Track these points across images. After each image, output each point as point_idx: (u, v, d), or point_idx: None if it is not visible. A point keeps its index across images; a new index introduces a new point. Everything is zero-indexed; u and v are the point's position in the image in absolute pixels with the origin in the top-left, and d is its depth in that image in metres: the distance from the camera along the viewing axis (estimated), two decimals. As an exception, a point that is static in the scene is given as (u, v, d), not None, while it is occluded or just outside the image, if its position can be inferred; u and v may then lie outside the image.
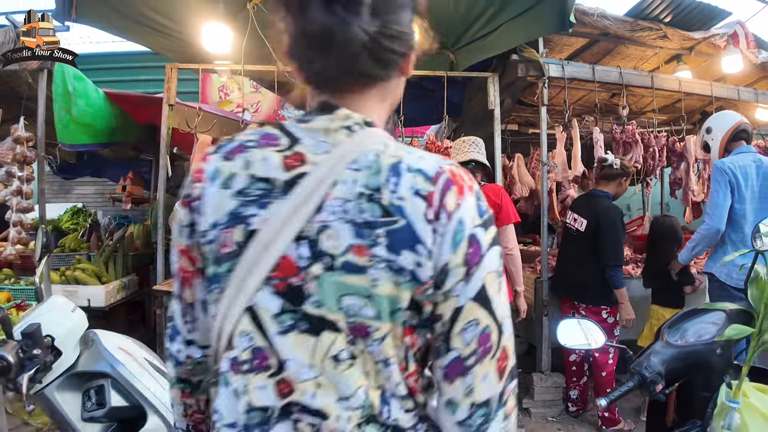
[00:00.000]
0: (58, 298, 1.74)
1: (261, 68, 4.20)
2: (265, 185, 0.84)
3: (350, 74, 0.87)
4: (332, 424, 0.82)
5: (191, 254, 0.93)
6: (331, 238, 0.81)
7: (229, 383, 0.87)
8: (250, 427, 0.86)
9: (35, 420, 3.70)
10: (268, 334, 0.84)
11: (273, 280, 0.82)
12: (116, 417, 1.66)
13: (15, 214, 3.74)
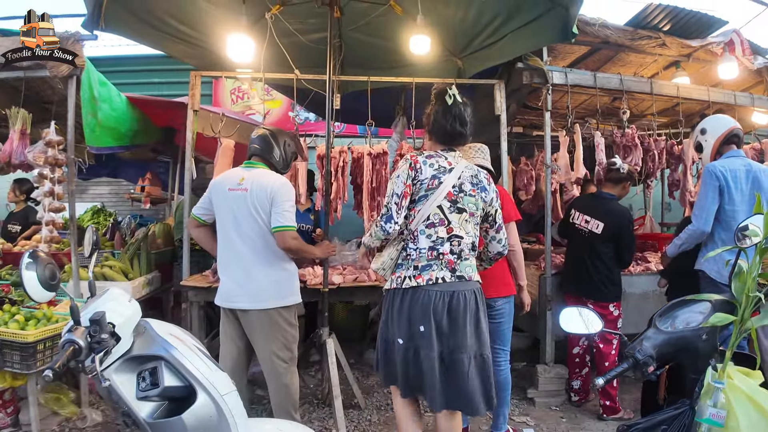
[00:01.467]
0: (115, 289, 1.92)
1: (281, 76, 4.39)
2: (444, 169, 2.58)
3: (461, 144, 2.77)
4: (465, 241, 2.59)
5: (411, 187, 2.56)
6: (464, 186, 2.59)
7: (423, 232, 2.57)
8: (434, 246, 2.56)
9: (64, 409, 3.90)
10: (445, 213, 2.57)
11: (447, 197, 2.56)
12: (167, 396, 1.84)
13: (47, 214, 3.94)
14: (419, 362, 2.52)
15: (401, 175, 2.56)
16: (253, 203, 3.04)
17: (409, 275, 2.55)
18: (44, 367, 3.41)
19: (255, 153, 3.26)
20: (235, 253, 3.09)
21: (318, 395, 4.36)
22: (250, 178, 3.11)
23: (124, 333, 1.79)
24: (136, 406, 1.79)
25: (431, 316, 2.49)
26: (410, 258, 2.56)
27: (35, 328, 3.41)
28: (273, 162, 3.26)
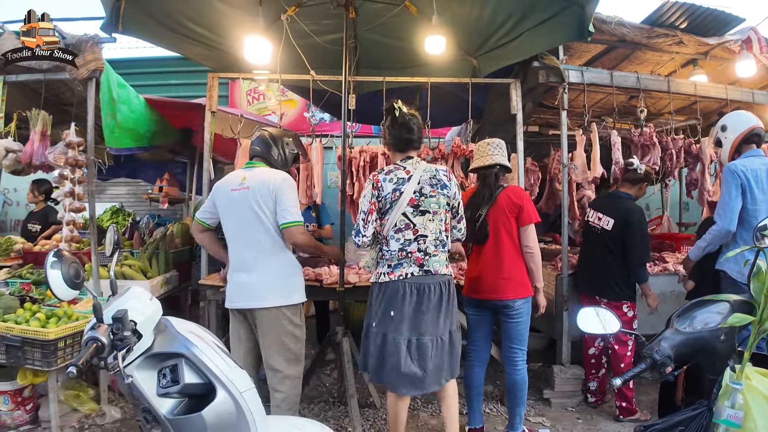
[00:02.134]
0: (137, 288, 1.95)
1: (297, 77, 4.42)
2: (403, 179, 2.94)
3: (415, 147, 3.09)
4: (429, 239, 2.95)
5: (375, 204, 2.94)
6: (424, 190, 2.94)
7: (393, 237, 2.96)
8: (403, 248, 2.94)
9: (84, 406, 3.97)
10: (410, 218, 2.94)
11: (409, 203, 2.92)
12: (187, 392, 1.87)
13: (68, 214, 4.01)
14: (387, 345, 2.91)
15: (367, 194, 3.00)
16: (256, 200, 3.05)
17: (384, 272, 2.99)
18: (65, 364, 3.49)
19: (255, 154, 3.30)
20: (241, 253, 3.12)
21: (334, 394, 4.40)
22: (251, 176, 3.13)
23: (145, 331, 1.83)
24: (156, 403, 1.82)
25: (400, 304, 2.90)
26: (385, 258, 3.02)
27: (56, 325, 3.47)
28: (272, 162, 3.29)
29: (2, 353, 3.50)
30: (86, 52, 3.99)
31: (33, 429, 3.87)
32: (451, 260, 3.95)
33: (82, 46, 4.01)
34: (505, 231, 3.38)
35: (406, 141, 3.04)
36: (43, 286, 4.24)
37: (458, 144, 4.49)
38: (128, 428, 3.90)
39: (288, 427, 2.30)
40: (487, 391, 4.40)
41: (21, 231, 6.38)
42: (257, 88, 8.59)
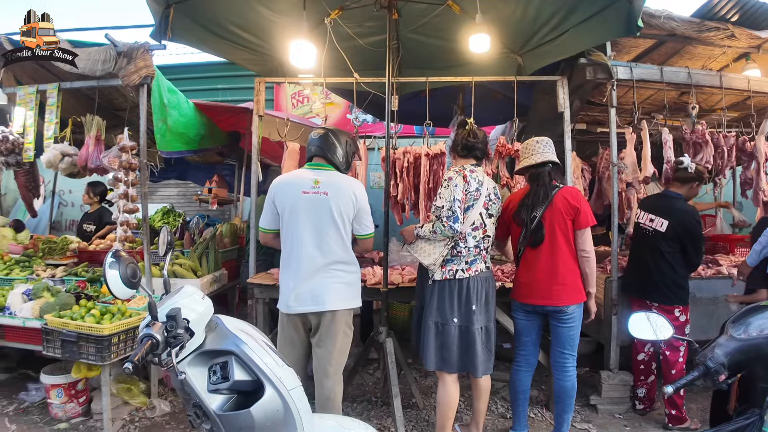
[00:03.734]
0: (189, 287, 2.01)
1: (341, 80, 4.45)
2: (480, 182, 3.25)
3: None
4: (491, 239, 3.37)
5: (465, 193, 3.19)
6: (491, 196, 3.31)
7: (470, 234, 3.24)
8: (477, 245, 3.27)
9: (135, 399, 4.10)
10: (483, 218, 3.25)
11: (483, 205, 3.24)
12: (236, 389, 1.91)
13: (122, 215, 4.16)
14: (470, 336, 3.19)
15: (459, 185, 3.20)
16: (338, 208, 3.05)
17: (461, 268, 3.23)
18: (118, 359, 3.61)
19: (316, 153, 3.21)
20: (308, 256, 3.07)
21: (377, 394, 4.42)
22: (325, 181, 3.09)
23: (197, 328, 1.88)
24: (207, 399, 1.86)
25: (477, 299, 3.21)
26: (461, 255, 3.25)
27: (110, 322, 3.60)
28: (336, 162, 3.21)
29: (58, 348, 3.65)
30: (137, 59, 4.10)
31: (85, 421, 4.01)
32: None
33: (134, 54, 4.13)
34: (561, 234, 3.29)
35: (479, 150, 3.40)
36: (97, 284, 4.42)
37: (503, 143, 4.43)
38: (177, 422, 4.01)
39: (333, 426, 2.32)
40: (532, 396, 4.34)
41: (76, 231, 6.67)
42: (301, 91, 8.71)
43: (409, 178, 4.35)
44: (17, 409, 4.21)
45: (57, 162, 4.41)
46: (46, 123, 4.51)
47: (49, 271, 4.74)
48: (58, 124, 4.51)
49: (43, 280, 4.34)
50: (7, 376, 4.89)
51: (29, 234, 6.06)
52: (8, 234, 5.83)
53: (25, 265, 5.00)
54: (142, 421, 4.02)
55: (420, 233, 3.32)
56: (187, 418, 3.76)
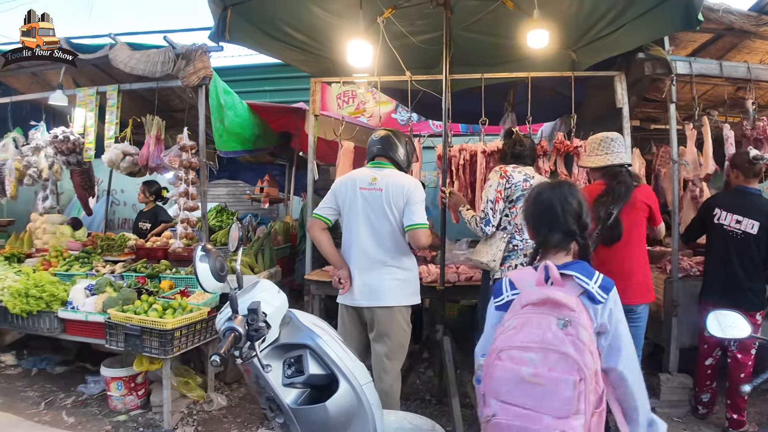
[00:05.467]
0: (265, 281, 2.03)
1: (395, 78, 4.45)
2: (529, 175, 3.23)
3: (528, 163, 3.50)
4: None
5: (501, 191, 3.19)
6: None
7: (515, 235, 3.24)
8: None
9: (192, 393, 4.18)
10: None
11: None
12: (310, 383, 1.93)
13: (182, 212, 4.26)
14: None
15: (493, 184, 3.23)
16: (389, 202, 3.10)
17: (521, 263, 3.15)
18: (180, 352, 3.69)
19: (379, 153, 3.29)
20: (363, 252, 3.15)
21: (433, 392, 4.40)
22: (382, 178, 3.16)
23: (273, 322, 1.90)
24: (281, 393, 1.88)
25: None
26: (518, 248, 3.21)
27: (173, 316, 3.68)
28: (398, 161, 3.28)
29: (121, 341, 3.76)
30: (195, 60, 4.20)
31: (144, 413, 4.10)
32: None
33: (192, 55, 4.23)
34: (637, 232, 3.25)
35: (526, 156, 3.41)
36: (156, 280, 4.53)
37: (561, 140, 4.35)
38: (234, 416, 4.08)
39: (401, 421, 2.34)
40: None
41: (132, 228, 6.87)
42: (347, 91, 8.77)
43: (465, 175, 4.31)
44: (76, 401, 4.33)
45: (118, 161, 4.55)
46: (106, 123, 4.66)
47: (108, 267, 4.88)
48: (118, 124, 4.65)
49: (105, 276, 4.47)
50: (65, 369, 5.04)
51: (86, 231, 6.26)
52: (67, 231, 6.03)
53: (85, 262, 5.16)
54: (199, 415, 4.09)
55: (463, 214, 3.44)
56: (245, 412, 3.84)
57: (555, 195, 1.99)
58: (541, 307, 1.75)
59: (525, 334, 1.71)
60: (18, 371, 5.01)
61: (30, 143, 5.09)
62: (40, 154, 5.00)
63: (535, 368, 1.65)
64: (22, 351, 5.35)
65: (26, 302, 4.13)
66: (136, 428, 3.87)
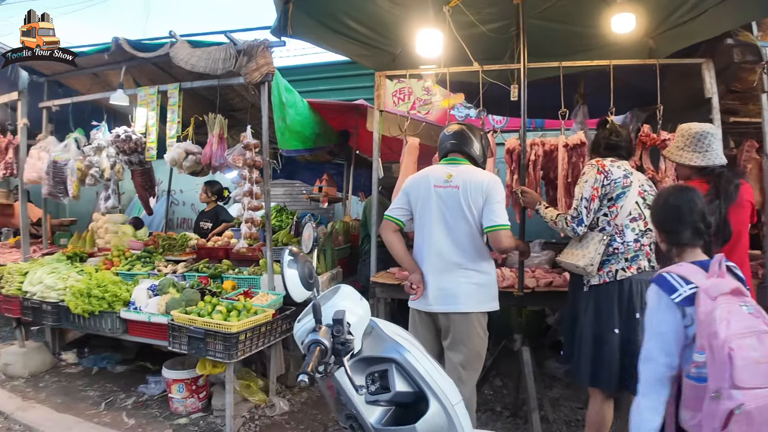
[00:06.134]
0: (346, 287, 1.86)
1: (464, 69, 4.26)
2: (629, 171, 2.94)
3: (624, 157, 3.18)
4: (653, 233, 2.58)
5: (598, 190, 2.86)
6: (644, 186, 2.98)
7: (628, 226, 2.88)
8: (638, 239, 2.88)
9: (254, 396, 4.09)
10: (641, 208, 2.91)
11: (638, 194, 2.91)
12: (395, 401, 1.75)
13: (247, 212, 4.18)
14: (632, 348, 2.69)
15: (589, 180, 2.92)
16: (466, 201, 2.90)
17: (621, 267, 2.84)
18: (244, 356, 3.59)
19: (453, 149, 3.09)
20: (438, 253, 2.95)
21: (504, 404, 4.19)
22: (458, 174, 2.95)
23: (356, 333, 1.73)
24: (365, 411, 1.72)
25: (642, 305, 2.70)
26: (619, 251, 2.87)
27: (237, 319, 3.59)
28: (474, 156, 3.08)
29: (184, 344, 3.70)
30: (258, 56, 4.12)
31: (205, 417, 4.05)
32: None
33: (254, 51, 4.15)
34: (744, 231, 3.04)
35: (622, 148, 3.10)
36: (218, 280, 4.47)
37: (647, 132, 4.03)
38: (296, 422, 3.97)
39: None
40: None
41: (193, 228, 6.93)
42: (402, 88, 8.62)
43: (536, 171, 4.05)
44: (136, 402, 4.33)
45: (181, 160, 4.51)
46: (168, 122, 4.64)
47: (170, 266, 4.87)
48: (180, 123, 4.62)
49: (168, 276, 4.45)
50: (126, 368, 5.09)
51: (147, 231, 6.32)
52: (128, 231, 6.11)
53: (146, 261, 5.18)
54: (261, 420, 4.01)
55: (542, 212, 3.20)
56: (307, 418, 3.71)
57: (683, 197, 2.14)
58: (732, 296, 1.85)
59: (737, 322, 1.78)
60: (78, 370, 5.09)
61: (92, 143, 5.13)
62: (102, 154, 5.02)
63: (759, 351, 1.75)
64: (83, 349, 5.43)
65: (88, 302, 4.13)
66: (197, 432, 3.80)
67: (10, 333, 6.14)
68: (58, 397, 4.39)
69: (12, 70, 5.29)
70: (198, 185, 7.06)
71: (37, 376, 4.90)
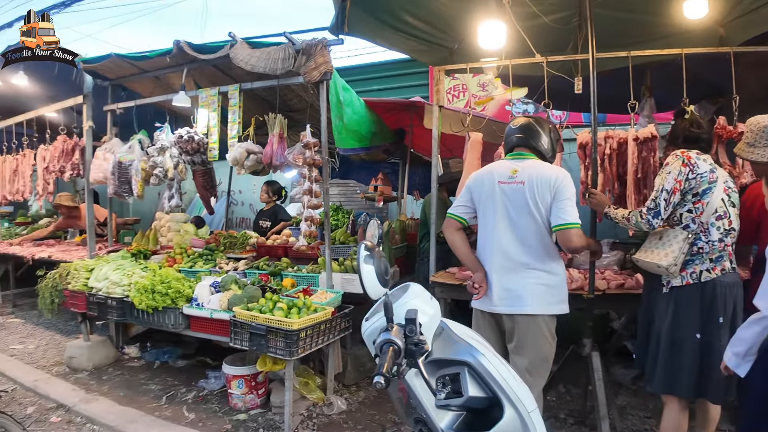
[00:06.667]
0: (416, 285, 1.80)
1: (527, 61, 4.13)
2: (714, 166, 2.73)
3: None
4: (735, 234, 2.75)
5: (681, 183, 2.67)
6: (729, 183, 2.79)
7: (713, 225, 2.68)
8: (722, 238, 2.69)
9: (312, 394, 4.09)
10: (726, 206, 2.71)
11: (723, 191, 2.71)
12: (467, 406, 1.68)
13: (307, 210, 4.20)
14: (712, 354, 2.58)
15: (672, 171, 2.70)
16: (533, 197, 2.76)
17: (706, 268, 2.68)
18: (304, 354, 3.59)
19: (519, 143, 2.96)
20: (504, 252, 2.83)
21: (568, 410, 4.03)
22: (524, 169, 2.82)
23: (427, 333, 1.66)
24: (435, 415, 1.65)
25: (725, 308, 2.63)
26: (703, 251, 2.70)
27: (298, 316, 3.59)
28: (542, 150, 2.93)
29: (246, 340, 3.72)
30: (316, 55, 4.13)
31: (263, 413, 4.07)
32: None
33: (312, 50, 4.15)
34: None
35: (703, 139, 2.90)
36: (277, 277, 4.51)
37: (723, 125, 3.78)
38: (354, 421, 3.94)
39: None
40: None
41: (252, 226, 7.05)
42: (456, 85, 8.53)
43: (611, 167, 3.87)
44: (196, 396, 4.40)
45: (243, 159, 4.58)
46: (229, 123, 4.72)
47: (231, 264, 4.95)
48: (241, 123, 4.69)
49: (230, 273, 4.52)
50: (186, 363, 5.20)
51: (209, 230, 6.47)
52: (190, 229, 6.27)
53: (208, 259, 5.29)
54: (319, 418, 4.00)
55: (611, 214, 3.00)
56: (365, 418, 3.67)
57: None
58: None
59: None
60: (141, 364, 5.24)
61: (155, 144, 5.26)
62: (165, 154, 5.15)
63: None
64: (146, 343, 5.58)
65: (152, 298, 4.23)
66: (256, 429, 3.83)
67: (74, 327, 6.43)
68: (121, 390, 4.52)
69: (77, 74, 5.53)
70: (255, 186, 7.20)
71: (101, 369, 5.06)
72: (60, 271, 5.37)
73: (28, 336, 6.32)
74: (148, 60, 5.12)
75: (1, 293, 7.89)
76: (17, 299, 7.93)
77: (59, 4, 9.31)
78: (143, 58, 5.14)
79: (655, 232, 2.85)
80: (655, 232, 2.86)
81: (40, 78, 6.14)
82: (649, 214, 2.72)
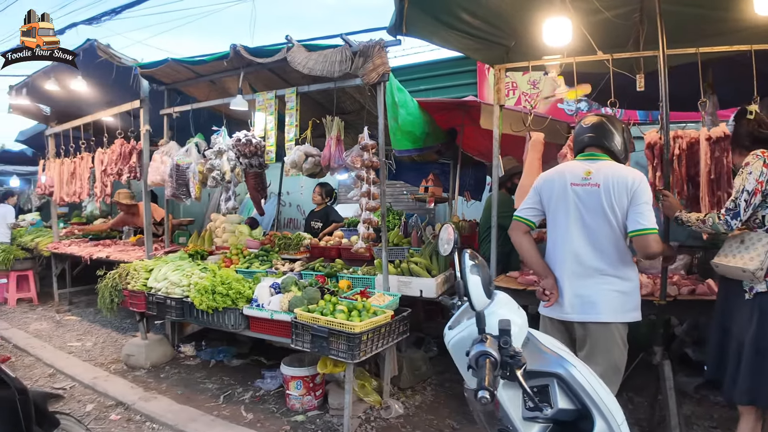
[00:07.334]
0: (503, 294, 1.76)
1: (592, 58, 4.03)
2: None
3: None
4: None
5: (763, 184, 2.59)
6: None
7: None
8: None
9: (369, 397, 4.08)
10: None
11: None
12: (554, 418, 1.64)
13: (364, 212, 4.20)
14: None
15: (754, 171, 2.63)
16: (609, 201, 2.68)
17: None
18: (365, 357, 3.58)
19: (591, 143, 2.88)
20: (576, 257, 2.76)
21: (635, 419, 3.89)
22: (598, 171, 2.74)
23: (516, 344, 1.63)
24: (522, 428, 1.62)
25: None
26: None
27: (359, 319, 3.58)
28: (615, 150, 2.85)
29: (307, 342, 3.74)
30: (374, 56, 4.11)
31: (321, 415, 4.08)
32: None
33: (369, 52, 4.13)
34: None
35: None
36: (333, 279, 4.52)
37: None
38: (412, 426, 3.92)
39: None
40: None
41: (304, 227, 7.13)
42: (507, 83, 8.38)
43: (680, 168, 3.73)
44: (253, 396, 4.44)
45: (301, 162, 4.61)
46: (286, 126, 4.76)
47: (287, 265, 4.99)
48: (298, 126, 4.72)
49: (290, 275, 4.55)
50: (241, 362, 5.27)
51: (262, 231, 6.55)
52: (245, 230, 6.36)
53: (264, 260, 5.35)
54: (377, 422, 3.98)
55: (682, 218, 2.91)
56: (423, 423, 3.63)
57: None
58: None
59: None
60: (196, 362, 5.33)
61: (213, 147, 5.35)
62: (222, 157, 5.23)
63: None
64: (200, 342, 5.69)
65: (212, 299, 4.28)
66: (315, 430, 3.85)
67: (130, 325, 6.63)
68: (179, 389, 4.61)
69: (134, 79, 5.67)
70: (303, 187, 7.24)
71: (158, 367, 5.18)
72: (119, 271, 5.52)
73: (85, 333, 6.53)
74: (204, 64, 5.21)
75: (59, 291, 8.14)
76: (73, 297, 8.24)
77: (109, 11, 9.56)
78: (200, 63, 5.23)
79: (735, 236, 2.75)
80: (734, 236, 2.75)
81: (97, 83, 6.33)
82: (728, 215, 2.64)
